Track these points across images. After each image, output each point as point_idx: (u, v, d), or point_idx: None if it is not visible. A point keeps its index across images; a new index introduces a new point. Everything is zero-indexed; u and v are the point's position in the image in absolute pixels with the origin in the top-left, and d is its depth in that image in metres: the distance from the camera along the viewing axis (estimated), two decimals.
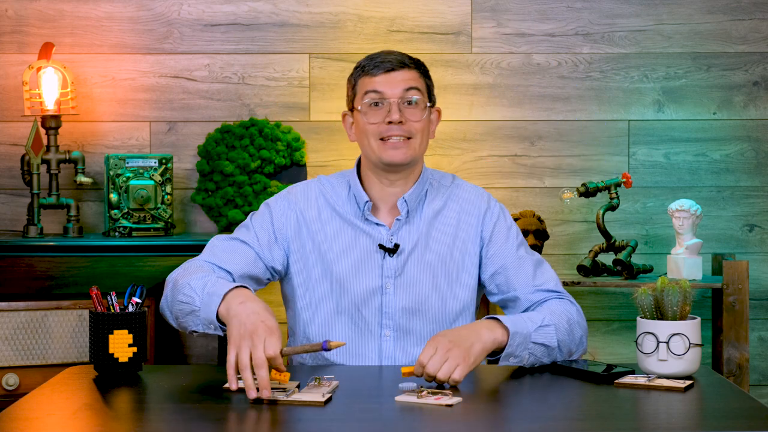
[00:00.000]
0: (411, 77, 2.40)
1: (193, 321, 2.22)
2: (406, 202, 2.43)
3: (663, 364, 2.14)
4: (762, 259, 3.57)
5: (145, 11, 3.54)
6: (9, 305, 3.15)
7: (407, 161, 2.40)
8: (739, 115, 3.56)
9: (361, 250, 2.42)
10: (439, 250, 2.44)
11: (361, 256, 2.42)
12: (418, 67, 2.43)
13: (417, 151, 2.41)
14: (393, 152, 2.38)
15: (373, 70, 2.40)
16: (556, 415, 1.86)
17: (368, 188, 2.46)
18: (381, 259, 2.41)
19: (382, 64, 2.40)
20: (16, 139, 3.53)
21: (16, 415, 1.89)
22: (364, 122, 2.40)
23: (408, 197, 2.43)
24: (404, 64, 2.41)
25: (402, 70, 2.40)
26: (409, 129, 2.39)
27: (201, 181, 3.48)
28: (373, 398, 2.06)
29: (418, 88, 2.40)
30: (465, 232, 2.46)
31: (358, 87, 2.42)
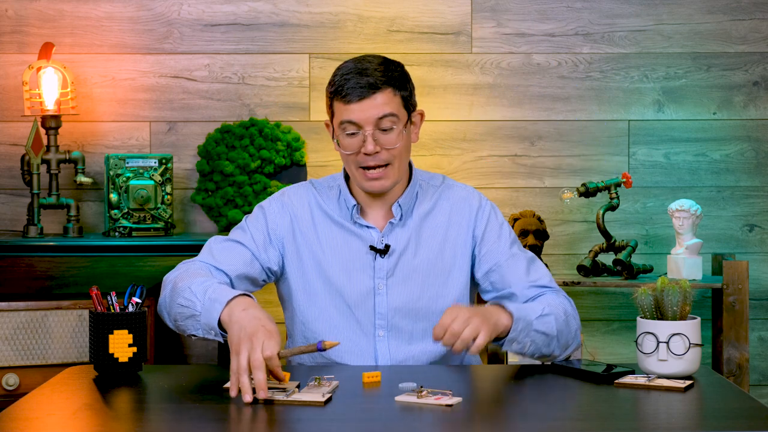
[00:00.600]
0: (384, 101, 2.34)
1: (193, 325, 2.23)
2: (401, 206, 2.44)
3: (663, 364, 2.14)
4: (762, 259, 3.57)
5: (145, 11, 3.54)
6: (9, 305, 3.15)
7: (387, 189, 2.41)
8: (739, 115, 3.56)
9: (352, 252, 2.43)
10: (430, 250, 2.44)
11: (353, 258, 2.42)
12: (391, 83, 2.35)
13: (397, 175, 2.40)
14: (373, 183, 2.38)
15: (346, 97, 2.33)
16: (556, 415, 1.86)
17: (356, 193, 2.47)
18: (372, 260, 2.42)
19: (354, 91, 2.32)
20: (16, 139, 3.53)
21: (16, 415, 1.89)
22: (342, 151, 2.38)
23: (402, 201, 2.44)
24: (376, 86, 2.33)
25: (375, 95, 2.33)
26: (385, 157, 2.36)
27: (201, 181, 3.48)
28: (373, 398, 2.06)
29: (392, 114, 2.34)
30: (456, 231, 2.46)
31: (334, 109, 2.38)
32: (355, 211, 2.43)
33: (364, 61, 2.38)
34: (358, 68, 2.36)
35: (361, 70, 2.35)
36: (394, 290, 2.42)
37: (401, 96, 2.38)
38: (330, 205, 2.46)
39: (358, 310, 2.41)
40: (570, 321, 2.36)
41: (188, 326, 2.24)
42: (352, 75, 2.34)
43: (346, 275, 2.42)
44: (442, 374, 2.25)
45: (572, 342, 2.36)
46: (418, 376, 2.19)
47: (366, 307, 2.41)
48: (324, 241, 2.44)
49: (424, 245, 2.44)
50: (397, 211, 2.44)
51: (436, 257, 2.44)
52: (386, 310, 2.41)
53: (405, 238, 2.44)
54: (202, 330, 2.21)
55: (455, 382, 2.20)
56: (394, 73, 2.38)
